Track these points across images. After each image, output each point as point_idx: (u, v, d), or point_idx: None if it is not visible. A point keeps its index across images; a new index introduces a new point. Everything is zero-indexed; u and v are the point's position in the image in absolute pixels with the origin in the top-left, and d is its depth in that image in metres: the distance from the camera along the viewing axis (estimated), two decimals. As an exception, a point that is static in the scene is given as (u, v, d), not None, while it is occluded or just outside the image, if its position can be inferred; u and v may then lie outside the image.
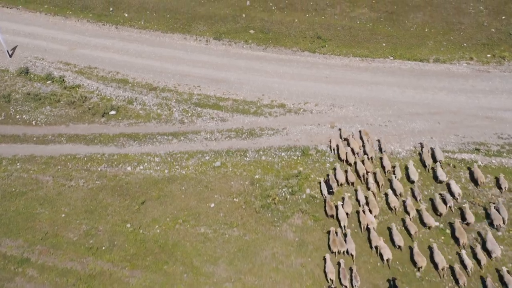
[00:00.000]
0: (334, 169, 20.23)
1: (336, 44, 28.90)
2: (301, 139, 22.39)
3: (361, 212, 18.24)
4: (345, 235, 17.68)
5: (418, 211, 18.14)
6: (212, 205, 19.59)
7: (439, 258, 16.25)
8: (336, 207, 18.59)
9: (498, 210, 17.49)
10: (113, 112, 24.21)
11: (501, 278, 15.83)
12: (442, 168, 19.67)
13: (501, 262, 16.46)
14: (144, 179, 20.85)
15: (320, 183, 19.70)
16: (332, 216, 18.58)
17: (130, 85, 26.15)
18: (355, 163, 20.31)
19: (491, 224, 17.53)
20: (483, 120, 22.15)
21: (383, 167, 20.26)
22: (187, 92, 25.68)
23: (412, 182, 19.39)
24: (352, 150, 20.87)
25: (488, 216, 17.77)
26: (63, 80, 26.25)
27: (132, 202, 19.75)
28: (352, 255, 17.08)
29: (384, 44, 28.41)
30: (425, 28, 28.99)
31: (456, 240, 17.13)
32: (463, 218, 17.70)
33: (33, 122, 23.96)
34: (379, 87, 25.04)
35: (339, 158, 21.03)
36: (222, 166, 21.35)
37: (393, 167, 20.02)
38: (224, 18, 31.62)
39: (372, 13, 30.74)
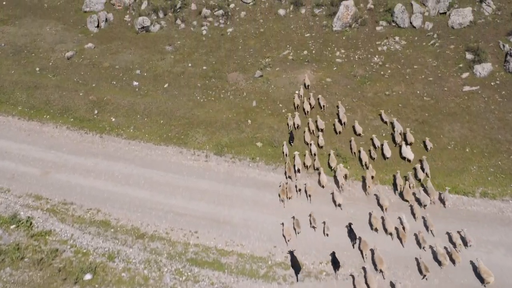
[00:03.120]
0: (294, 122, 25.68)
1: (360, 166, 24.22)
2: (326, 326, 17.44)
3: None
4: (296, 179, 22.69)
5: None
6: None
7: (389, 225, 20.04)
8: (294, 157, 23.45)
9: None
10: (88, 277, 19.32)
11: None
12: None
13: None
14: None
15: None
16: (289, 177, 23.02)
17: (112, 230, 21.36)
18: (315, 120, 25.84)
19: None
20: None
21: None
22: (182, 241, 20.87)
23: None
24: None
25: None
26: (31, 223, 21.52)
27: None
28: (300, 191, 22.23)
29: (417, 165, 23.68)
30: (466, 146, 24.39)
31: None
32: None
33: (-13, 295, 19.02)
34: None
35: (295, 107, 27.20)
36: None
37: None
38: (226, 125, 27.14)
39: (400, 121, 26.21)
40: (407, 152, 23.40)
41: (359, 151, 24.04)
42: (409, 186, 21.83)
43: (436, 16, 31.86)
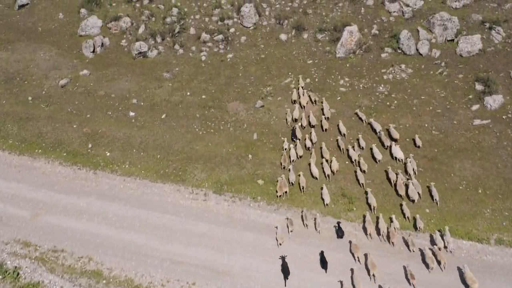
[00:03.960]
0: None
1: (366, 207, 22.98)
2: None
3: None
4: (289, 170, 24.28)
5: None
6: None
7: (372, 201, 22.15)
8: (290, 147, 25.28)
9: None
10: (78, 337, 17.97)
11: None
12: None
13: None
14: None
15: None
16: (284, 167, 24.61)
17: (104, 282, 20.07)
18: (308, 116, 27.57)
19: None
20: None
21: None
22: (179, 294, 19.53)
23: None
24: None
25: None
26: (18, 274, 20.23)
27: None
28: (293, 183, 23.84)
29: (427, 210, 22.57)
30: (478, 187, 23.17)
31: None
32: None
33: None
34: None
35: (293, 102, 28.92)
36: None
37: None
38: (226, 160, 25.92)
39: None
40: (397, 151, 24.39)
41: (347, 150, 25.12)
42: (401, 182, 22.89)
43: (444, 43, 30.77)
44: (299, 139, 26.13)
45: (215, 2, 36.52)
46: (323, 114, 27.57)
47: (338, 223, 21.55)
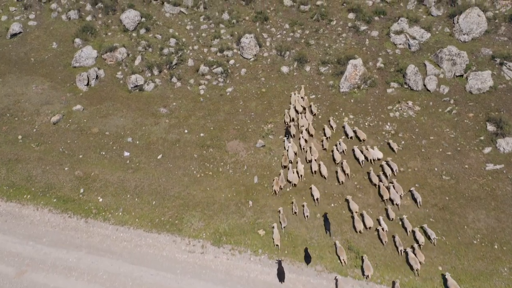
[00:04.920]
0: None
1: (374, 264, 21.52)
2: None
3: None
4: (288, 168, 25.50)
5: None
6: None
7: (354, 206, 23.06)
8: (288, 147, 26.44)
9: None
10: None
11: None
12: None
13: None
14: None
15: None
16: (285, 167, 25.75)
17: None
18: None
19: None
20: None
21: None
22: None
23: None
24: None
25: None
26: None
27: None
28: (291, 183, 24.95)
29: (440, 268, 21.12)
30: (494, 241, 21.76)
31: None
32: None
33: None
34: None
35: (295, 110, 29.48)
36: None
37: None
38: (225, 207, 24.52)
39: (417, 207, 23.62)
40: (376, 152, 25.85)
41: (332, 151, 26.43)
42: (385, 186, 23.88)
43: (453, 79, 29.50)
44: (293, 136, 27.57)
45: (214, 32, 35.33)
46: (306, 119, 28.43)
47: (326, 214, 22.97)
